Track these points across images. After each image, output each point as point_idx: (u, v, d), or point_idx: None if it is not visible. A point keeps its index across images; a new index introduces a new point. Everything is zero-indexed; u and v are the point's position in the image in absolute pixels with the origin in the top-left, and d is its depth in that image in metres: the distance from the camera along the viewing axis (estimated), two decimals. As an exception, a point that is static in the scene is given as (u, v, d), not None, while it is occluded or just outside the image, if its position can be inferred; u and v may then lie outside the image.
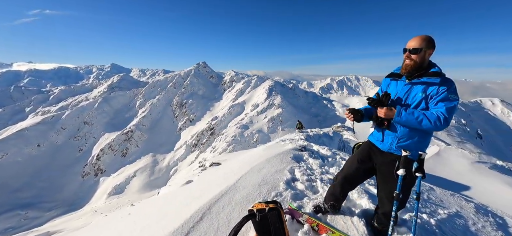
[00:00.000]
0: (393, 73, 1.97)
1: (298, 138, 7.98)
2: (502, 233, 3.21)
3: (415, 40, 1.77)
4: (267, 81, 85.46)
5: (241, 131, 60.51)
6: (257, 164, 3.67)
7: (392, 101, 1.89)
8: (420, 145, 1.83)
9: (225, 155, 17.76)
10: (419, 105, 1.78)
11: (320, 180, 3.19)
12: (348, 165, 2.18)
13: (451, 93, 1.68)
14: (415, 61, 1.77)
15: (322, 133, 11.84)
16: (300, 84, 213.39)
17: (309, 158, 4.20)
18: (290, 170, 3.42)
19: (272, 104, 69.38)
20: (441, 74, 1.74)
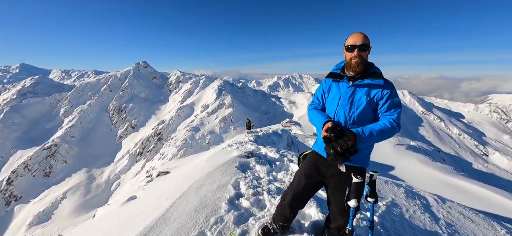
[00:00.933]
0: (333, 73, 1.77)
1: (247, 140, 7.72)
2: (429, 215, 3.55)
3: (360, 36, 1.60)
4: (216, 80, 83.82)
5: (192, 133, 57.72)
6: (196, 181, 3.15)
7: (338, 124, 1.64)
8: (367, 151, 1.69)
9: (176, 161, 16.32)
10: (364, 108, 1.62)
11: (268, 191, 2.90)
12: (296, 183, 1.91)
13: (396, 97, 1.60)
14: (363, 59, 1.62)
15: (271, 132, 11.94)
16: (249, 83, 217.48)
17: (256, 164, 3.91)
18: (235, 184, 3.03)
19: (222, 104, 68.42)
20: (382, 75, 1.62)
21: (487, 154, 79.52)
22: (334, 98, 1.72)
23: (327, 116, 1.70)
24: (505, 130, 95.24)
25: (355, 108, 1.63)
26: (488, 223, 3.80)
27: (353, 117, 1.64)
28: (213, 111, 66.08)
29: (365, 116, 1.64)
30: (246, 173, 3.51)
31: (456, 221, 3.58)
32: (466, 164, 61.49)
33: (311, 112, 1.83)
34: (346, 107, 1.65)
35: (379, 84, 1.58)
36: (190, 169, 4.85)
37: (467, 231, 3.35)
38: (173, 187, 3.33)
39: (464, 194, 9.45)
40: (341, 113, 1.66)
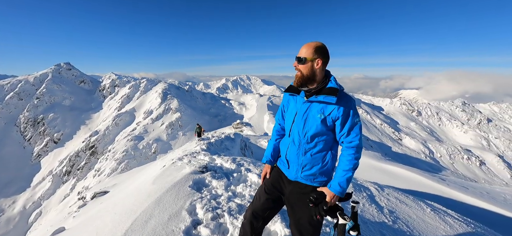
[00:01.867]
0: (291, 86, 1.65)
1: (199, 149, 7.22)
2: (375, 206, 3.92)
3: (304, 48, 1.50)
4: (160, 84, 77.71)
5: (135, 143, 51.94)
6: (142, 213, 2.64)
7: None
8: (327, 168, 1.58)
9: (115, 177, 14.15)
10: (319, 128, 1.51)
11: (229, 212, 2.64)
12: (256, 198, 1.82)
13: (355, 116, 1.50)
14: (302, 73, 1.51)
15: (224, 137, 11.60)
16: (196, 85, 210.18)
17: (213, 179, 3.59)
18: (190, 209, 2.66)
19: (168, 108, 63.90)
20: (337, 90, 1.49)
21: (401, 139, 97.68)
22: (291, 114, 1.64)
23: (269, 159, 1.87)
24: (412, 119, 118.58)
25: (309, 126, 1.53)
26: (417, 204, 4.46)
27: (307, 137, 1.54)
28: (158, 117, 60.97)
29: (320, 135, 1.53)
30: (202, 192, 3.16)
31: (395, 207, 4.06)
32: (387, 148, 73.53)
33: (269, 143, 1.92)
34: (300, 125, 1.55)
35: (332, 102, 1.47)
36: (133, 192, 4.15)
37: (404, 215, 3.83)
38: (112, 223, 2.72)
39: (391, 177, 11.11)
40: (295, 131, 1.58)
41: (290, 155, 1.62)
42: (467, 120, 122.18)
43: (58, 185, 49.62)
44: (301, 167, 1.58)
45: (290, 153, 1.62)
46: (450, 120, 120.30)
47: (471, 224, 3.95)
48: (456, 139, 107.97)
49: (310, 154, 1.55)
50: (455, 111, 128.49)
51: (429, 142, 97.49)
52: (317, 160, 1.56)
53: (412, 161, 64.51)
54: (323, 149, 1.56)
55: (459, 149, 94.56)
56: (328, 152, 1.57)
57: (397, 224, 3.40)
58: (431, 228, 3.51)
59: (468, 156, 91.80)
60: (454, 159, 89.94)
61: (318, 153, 1.56)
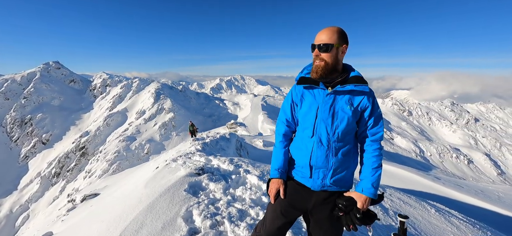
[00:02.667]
0: (304, 78, 1.40)
1: (194, 150, 6.95)
2: (380, 208, 3.75)
3: (325, 33, 1.30)
4: (153, 83, 76.46)
5: (127, 144, 50.93)
6: (133, 220, 2.39)
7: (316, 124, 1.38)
8: (353, 169, 1.42)
9: (107, 179, 13.65)
10: (349, 121, 1.32)
11: (229, 218, 2.42)
12: (270, 222, 1.50)
13: (377, 107, 1.38)
14: (327, 62, 1.31)
15: (219, 137, 11.34)
16: (190, 85, 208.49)
17: (210, 182, 3.35)
18: (186, 216, 2.43)
19: (161, 108, 62.95)
20: (364, 80, 1.33)
21: (393, 138, 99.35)
22: (311, 110, 1.36)
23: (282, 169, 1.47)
24: (403, 119, 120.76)
25: (338, 121, 1.32)
26: (420, 204, 4.34)
27: (337, 133, 1.32)
28: (151, 117, 59.97)
29: (349, 129, 1.35)
30: (198, 196, 2.93)
31: (400, 208, 3.92)
32: (380, 148, 74.65)
33: (274, 151, 1.53)
34: (328, 121, 1.33)
35: (364, 91, 1.31)
36: (124, 196, 3.87)
37: (410, 217, 3.69)
38: (98, 233, 2.46)
39: (388, 176, 11.09)
40: (322, 128, 1.33)
41: (317, 159, 1.36)
42: (456, 119, 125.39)
43: (47, 187, 48.13)
44: (332, 171, 1.35)
45: (317, 156, 1.35)
46: (440, 120, 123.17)
47: (477, 225, 3.85)
48: (445, 138, 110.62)
49: (341, 154, 1.35)
50: (444, 111, 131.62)
51: (419, 141, 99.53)
52: (348, 161, 1.37)
53: (403, 160, 65.62)
54: (351, 147, 1.38)
55: (448, 148, 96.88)
56: (355, 150, 1.42)
57: (404, 227, 3.25)
58: (439, 230, 3.37)
59: (457, 154, 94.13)
60: (444, 158, 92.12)
61: (348, 152, 1.37)
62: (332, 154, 1.33)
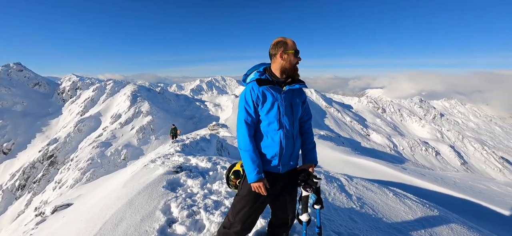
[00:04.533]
0: (263, 79, 1.58)
1: (173, 151, 6.99)
2: (345, 194, 4.19)
3: (294, 42, 1.60)
4: (128, 86, 73.19)
5: (101, 150, 48.29)
6: (112, 215, 2.51)
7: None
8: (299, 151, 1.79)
9: (80, 188, 12.97)
10: (300, 110, 1.69)
11: (204, 208, 2.63)
12: (244, 213, 1.65)
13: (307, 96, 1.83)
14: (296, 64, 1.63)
15: (199, 138, 11.38)
16: (169, 87, 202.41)
17: (188, 179, 3.53)
18: (164, 209, 2.60)
19: (139, 111, 60.53)
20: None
21: (369, 135, 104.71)
22: (274, 107, 1.55)
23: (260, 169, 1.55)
24: (378, 116, 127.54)
25: (295, 113, 1.63)
26: (381, 190, 4.85)
27: (295, 123, 1.64)
28: (127, 121, 57.42)
29: (299, 117, 1.71)
30: (176, 191, 3.10)
31: (363, 194, 4.38)
32: (357, 144, 78.04)
33: (246, 154, 1.56)
34: (289, 113, 1.59)
35: (305, 87, 1.65)
36: (101, 199, 3.90)
37: (370, 200, 4.15)
38: (78, 232, 2.54)
39: (360, 168, 11.87)
40: (286, 120, 1.58)
41: (286, 146, 1.58)
42: (424, 115, 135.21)
43: (10, 201, 44.07)
44: (294, 153, 1.67)
45: (285, 144, 1.58)
46: (410, 116, 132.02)
47: (426, 204, 4.42)
48: (415, 133, 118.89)
49: (298, 138, 1.70)
50: (413, 107, 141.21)
51: (393, 137, 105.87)
52: (299, 142, 1.73)
53: (378, 155, 69.50)
54: (299, 130, 1.73)
55: (418, 142, 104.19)
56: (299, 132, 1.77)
57: (364, 209, 3.68)
58: (393, 210, 3.86)
59: (426, 147, 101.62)
60: (415, 151, 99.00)
61: (299, 135, 1.72)
62: (293, 140, 1.64)
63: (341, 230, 2.63)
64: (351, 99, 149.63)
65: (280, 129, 1.56)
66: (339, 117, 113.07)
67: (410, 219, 3.64)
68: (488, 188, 10.07)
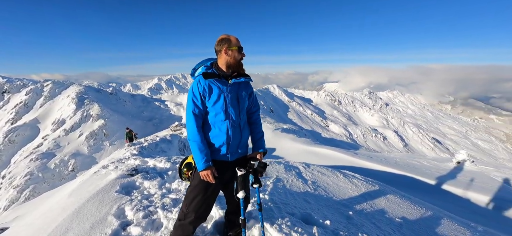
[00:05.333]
0: (209, 73, 1.67)
1: (128, 155, 6.54)
2: (301, 180, 4.53)
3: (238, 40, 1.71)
4: (73, 86, 64.77)
5: (42, 162, 42.15)
6: (56, 228, 2.29)
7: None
8: (248, 137, 1.93)
9: (16, 209, 11.10)
10: (246, 101, 1.81)
11: (162, 207, 2.59)
12: (198, 203, 1.73)
13: (253, 90, 1.93)
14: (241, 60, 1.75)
15: (159, 139, 10.82)
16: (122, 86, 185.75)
17: (144, 181, 3.39)
18: (118, 213, 2.48)
19: (87, 115, 54.30)
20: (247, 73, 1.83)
21: (328, 126, 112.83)
22: (220, 99, 1.67)
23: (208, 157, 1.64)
24: (334, 107, 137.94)
25: (242, 104, 1.76)
26: (333, 173, 5.37)
27: (241, 114, 1.77)
28: (74, 127, 51.02)
29: (246, 108, 1.85)
30: (131, 194, 2.96)
31: (317, 178, 4.80)
32: (318, 135, 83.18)
33: (195, 145, 1.64)
34: (235, 105, 1.71)
35: (249, 81, 1.81)
36: (43, 213, 3.49)
37: (323, 183, 4.58)
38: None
39: (319, 157, 12.80)
40: (232, 111, 1.70)
41: (232, 135, 1.70)
42: (373, 105, 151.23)
43: None
44: (241, 142, 1.79)
45: (232, 133, 1.69)
46: (362, 106, 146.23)
47: (370, 181, 5.07)
48: (366, 122, 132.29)
49: (244, 127, 1.81)
50: (364, 99, 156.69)
51: (348, 126, 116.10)
52: (247, 132, 1.86)
53: (336, 143, 75.48)
54: (246, 121, 1.87)
55: (369, 129, 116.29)
56: (247, 123, 1.91)
57: (317, 191, 4.06)
58: (342, 189, 4.34)
59: (375, 134, 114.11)
60: (367, 138, 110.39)
61: (246, 125, 1.86)
62: (240, 129, 1.77)
63: (295, 211, 2.88)
64: (311, 93, 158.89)
65: (226, 119, 1.69)
66: (301, 110, 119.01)
67: (355, 195, 4.14)
68: (421, 163, 11.87)
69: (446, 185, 8.12)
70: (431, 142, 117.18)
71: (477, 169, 11.24)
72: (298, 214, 2.81)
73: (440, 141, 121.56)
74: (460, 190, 7.81)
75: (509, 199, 7.28)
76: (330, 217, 2.89)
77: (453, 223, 3.79)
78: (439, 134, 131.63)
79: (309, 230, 2.33)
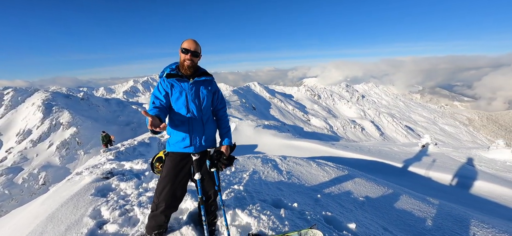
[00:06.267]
0: (172, 74, 1.87)
1: (104, 160, 6.39)
2: (277, 171, 4.79)
3: (195, 44, 1.87)
4: (38, 93, 60.16)
5: (8, 178, 38.98)
6: (30, 232, 2.31)
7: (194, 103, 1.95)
8: (215, 132, 2.11)
9: None
10: (207, 98, 1.96)
11: (138, 204, 2.69)
12: (167, 192, 1.91)
13: (220, 89, 2.12)
14: (194, 63, 1.90)
15: (136, 143, 10.57)
16: (95, 90, 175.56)
17: (120, 182, 3.42)
18: (93, 214, 2.54)
19: (57, 124, 50.88)
20: (209, 73, 2.03)
21: (309, 120, 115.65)
22: (181, 96, 1.87)
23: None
24: (314, 102, 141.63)
25: (202, 100, 1.95)
26: (307, 163, 5.71)
27: (203, 108, 1.96)
28: (42, 137, 47.57)
29: (208, 105, 2.01)
30: (107, 196, 3.01)
31: (292, 169, 5.10)
32: (300, 129, 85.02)
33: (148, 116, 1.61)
34: (196, 100, 1.92)
35: (211, 79, 2.02)
36: (13, 225, 3.39)
37: (297, 172, 4.88)
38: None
39: (298, 150, 13.27)
40: (193, 106, 1.90)
41: (194, 128, 1.90)
42: (350, 98, 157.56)
43: None
44: (204, 135, 1.96)
45: (194, 126, 1.90)
46: (340, 99, 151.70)
47: (340, 168, 5.48)
48: (345, 114, 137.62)
49: (207, 122, 1.99)
50: (342, 92, 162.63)
51: (328, 119, 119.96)
52: (211, 127, 2.03)
53: (318, 136, 77.99)
54: (211, 117, 2.06)
55: (348, 121, 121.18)
56: (213, 119, 2.11)
57: (291, 180, 4.34)
58: (315, 176, 4.67)
59: (354, 125, 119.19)
60: (346, 129, 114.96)
61: (210, 120, 2.04)
62: (202, 123, 1.95)
63: (267, 198, 3.11)
64: (291, 88, 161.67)
65: (187, 114, 1.90)
66: (282, 106, 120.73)
67: (326, 181, 4.49)
68: (391, 149, 12.79)
69: (411, 167, 8.90)
70: (404, 130, 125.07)
71: (439, 151, 12.38)
72: (269, 200, 3.05)
73: (412, 129, 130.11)
74: (423, 170, 8.62)
75: (465, 175, 8.18)
76: (299, 200, 3.16)
77: (410, 198, 4.27)
78: (410, 122, 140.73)
79: (277, 212, 2.57)
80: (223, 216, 2.12)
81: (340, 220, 2.75)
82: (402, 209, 3.78)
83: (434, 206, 4.03)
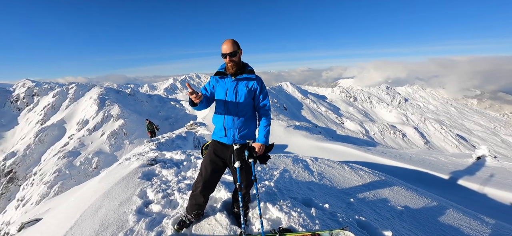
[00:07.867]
0: (219, 72, 2.14)
1: (148, 149, 7.07)
2: (308, 171, 4.74)
3: (229, 46, 1.99)
4: (94, 88, 68.46)
5: (69, 160, 45.04)
6: (91, 205, 2.72)
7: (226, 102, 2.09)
8: (253, 129, 2.19)
9: (47, 202, 12.19)
10: (245, 95, 2.07)
11: (178, 190, 2.95)
12: (204, 172, 2.17)
13: (264, 88, 2.17)
14: (235, 62, 2.03)
15: (175, 136, 11.40)
16: (140, 87, 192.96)
17: (162, 169, 3.79)
18: (141, 194, 2.87)
19: (108, 116, 57.15)
20: (254, 71, 2.15)
21: (343, 123, 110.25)
22: (222, 91, 2.10)
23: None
24: (350, 104, 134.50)
25: (239, 97, 2.08)
26: (340, 166, 5.52)
27: (240, 106, 2.08)
28: (96, 127, 53.99)
29: (246, 102, 2.11)
30: (152, 180, 3.36)
31: (323, 171, 4.99)
32: (333, 132, 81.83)
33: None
34: (233, 97, 2.07)
35: (253, 78, 2.11)
36: (77, 197, 3.99)
37: (329, 175, 4.76)
38: (58, 222, 2.72)
39: (330, 152, 12.82)
40: (230, 102, 2.07)
41: (227, 122, 2.08)
42: (391, 101, 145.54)
43: (-37, 225, 39.39)
44: (238, 129, 2.09)
45: (227, 121, 2.08)
46: (379, 102, 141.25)
47: (377, 174, 5.17)
48: (384, 118, 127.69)
49: (242, 118, 2.10)
50: (381, 94, 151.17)
51: (364, 123, 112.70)
52: (247, 123, 2.14)
53: (352, 141, 73.87)
54: (250, 114, 2.15)
55: (387, 126, 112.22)
56: (254, 116, 2.20)
57: (322, 181, 4.26)
58: (347, 180, 4.50)
59: (394, 131, 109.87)
60: (384, 135, 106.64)
61: (247, 117, 2.14)
62: (236, 119, 2.08)
63: (297, 196, 3.12)
64: (325, 89, 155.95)
65: (224, 108, 2.09)
66: (315, 108, 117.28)
67: (359, 185, 4.30)
68: (438, 159, 11.54)
69: (461, 180, 7.92)
70: (455, 139, 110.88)
71: (499, 165, 10.75)
72: (299, 198, 3.06)
73: (465, 138, 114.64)
74: (476, 185, 7.60)
75: (531, 194, 7.01)
76: (330, 202, 3.10)
77: (458, 213, 3.84)
78: (464, 130, 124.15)
79: (307, 211, 2.57)
80: (257, 206, 2.22)
81: (374, 226, 2.63)
82: (447, 224, 3.43)
83: (488, 226, 3.57)
